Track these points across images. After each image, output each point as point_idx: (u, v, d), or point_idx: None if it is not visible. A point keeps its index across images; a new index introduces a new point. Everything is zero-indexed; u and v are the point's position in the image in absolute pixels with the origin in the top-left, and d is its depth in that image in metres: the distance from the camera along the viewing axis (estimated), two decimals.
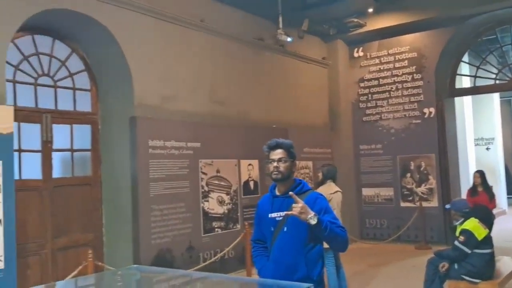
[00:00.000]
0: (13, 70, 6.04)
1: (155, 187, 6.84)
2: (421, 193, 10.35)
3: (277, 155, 3.02)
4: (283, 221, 2.98)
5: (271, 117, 9.35)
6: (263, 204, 3.17)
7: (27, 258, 5.86)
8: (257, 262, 3.13)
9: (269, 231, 3.05)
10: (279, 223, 2.99)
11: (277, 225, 3.00)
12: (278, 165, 3.00)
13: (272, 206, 3.05)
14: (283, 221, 2.98)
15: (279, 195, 3.08)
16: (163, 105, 7.21)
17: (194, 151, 7.52)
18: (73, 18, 6.29)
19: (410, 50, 10.63)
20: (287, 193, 2.99)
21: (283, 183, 3.05)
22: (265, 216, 3.08)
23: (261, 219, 3.14)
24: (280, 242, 2.98)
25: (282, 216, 2.98)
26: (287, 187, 3.04)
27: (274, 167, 3.00)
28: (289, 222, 2.96)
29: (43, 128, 6.22)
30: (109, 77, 6.93)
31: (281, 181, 3.03)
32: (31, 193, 6.03)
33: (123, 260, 6.49)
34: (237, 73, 8.68)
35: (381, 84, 10.97)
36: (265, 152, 3.14)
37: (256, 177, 8.71)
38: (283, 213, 2.97)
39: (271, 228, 3.03)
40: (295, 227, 2.94)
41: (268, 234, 3.07)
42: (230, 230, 8.03)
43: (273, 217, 3.02)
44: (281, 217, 2.99)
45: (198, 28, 7.87)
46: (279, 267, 2.95)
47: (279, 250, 2.98)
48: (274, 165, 3.00)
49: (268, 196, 3.18)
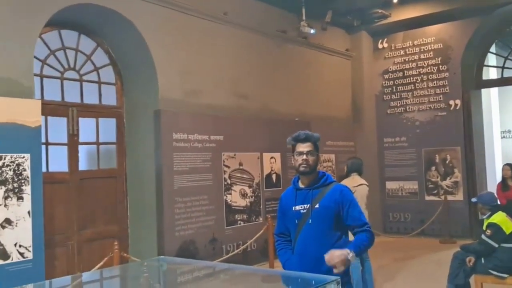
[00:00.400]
0: (40, 65, 6.15)
1: (179, 180, 6.90)
2: (446, 187, 10.20)
3: (306, 147, 3.02)
4: (308, 213, 2.98)
5: (294, 110, 9.32)
6: (287, 197, 3.16)
7: (54, 249, 5.99)
8: (281, 255, 3.12)
9: (293, 224, 3.05)
10: (303, 215, 2.99)
11: (301, 218, 2.99)
12: (307, 158, 2.99)
13: (296, 198, 3.05)
14: (308, 213, 2.98)
15: (302, 187, 3.08)
16: (187, 99, 7.25)
17: (217, 144, 7.56)
18: (99, 13, 6.36)
19: (436, 41, 10.44)
20: (311, 185, 3.03)
21: (309, 176, 3.05)
22: (289, 209, 3.07)
23: (285, 212, 3.13)
24: (306, 235, 2.98)
25: (307, 209, 2.98)
26: (312, 179, 3.05)
27: (303, 160, 2.99)
28: (314, 215, 2.97)
29: (69, 122, 6.33)
30: (133, 71, 6.99)
31: (309, 174, 3.03)
32: (58, 185, 6.14)
33: (148, 252, 6.59)
34: (260, 66, 8.66)
35: (405, 76, 10.82)
36: (290, 144, 3.12)
37: (278, 170, 8.71)
38: (307, 205, 2.97)
39: (295, 220, 3.03)
40: (321, 219, 2.95)
41: (292, 227, 3.07)
42: (253, 222, 8.05)
43: (297, 210, 3.02)
44: (305, 209, 2.99)
45: (221, 22, 7.88)
46: (305, 259, 2.95)
47: (305, 242, 2.98)
48: (304, 157, 2.99)
49: (291, 189, 3.17)
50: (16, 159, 5.12)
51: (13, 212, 5.07)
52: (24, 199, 5.15)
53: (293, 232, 3.07)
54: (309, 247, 2.96)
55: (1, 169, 5.00)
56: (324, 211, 2.93)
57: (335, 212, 2.99)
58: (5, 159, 5.03)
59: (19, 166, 5.14)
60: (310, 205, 3.00)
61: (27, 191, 5.18)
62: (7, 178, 5.04)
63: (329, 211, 2.98)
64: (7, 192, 5.03)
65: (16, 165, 5.12)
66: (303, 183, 3.10)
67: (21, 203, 5.13)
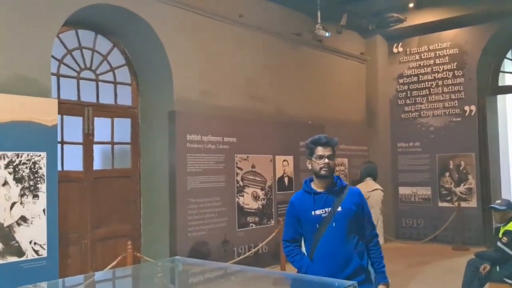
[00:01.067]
0: (57, 64, 6.20)
1: (192, 181, 6.92)
2: (459, 193, 10.10)
3: (327, 151, 3.05)
4: (330, 217, 2.99)
5: (308, 113, 9.30)
6: (301, 202, 3.12)
7: (68, 248, 6.02)
8: (297, 261, 3.08)
9: (312, 229, 3.03)
10: (324, 219, 2.99)
11: (322, 222, 2.99)
12: (329, 162, 3.03)
13: (314, 203, 3.03)
14: (330, 217, 2.99)
15: (320, 191, 3.07)
16: (201, 100, 7.27)
17: (230, 146, 7.56)
18: (115, 13, 6.40)
19: (451, 46, 10.37)
20: (330, 189, 3.04)
21: (327, 179, 3.06)
22: (307, 214, 3.05)
23: (300, 217, 3.10)
24: (330, 238, 2.98)
25: (328, 212, 2.99)
26: (329, 183, 3.07)
27: (325, 164, 3.01)
28: (338, 217, 2.99)
29: (85, 121, 6.37)
30: (149, 72, 7.03)
31: (328, 177, 3.05)
32: (73, 184, 6.19)
33: (160, 252, 6.61)
34: (275, 68, 8.66)
35: (420, 81, 10.76)
36: (309, 148, 3.12)
37: (291, 173, 8.69)
38: (328, 209, 2.99)
39: (315, 225, 3.01)
40: (344, 222, 2.99)
41: (311, 231, 3.05)
42: (264, 225, 8.04)
43: (317, 214, 3.01)
44: (326, 213, 2.99)
45: (236, 23, 7.89)
46: (331, 263, 2.95)
47: (330, 245, 2.98)
48: (325, 161, 3.01)
49: (303, 193, 3.15)
50: (33, 157, 5.17)
51: (29, 210, 5.12)
52: (39, 197, 5.20)
53: (311, 237, 3.05)
54: (334, 250, 2.98)
55: (17, 167, 5.05)
56: (347, 214, 2.98)
57: (356, 215, 3.05)
58: (21, 157, 5.08)
59: (35, 164, 5.19)
60: (332, 208, 3.00)
61: (43, 189, 5.23)
62: (23, 176, 5.09)
63: (351, 214, 3.03)
64: (23, 190, 5.09)
65: (32, 163, 5.17)
66: (320, 187, 3.09)
67: (37, 201, 5.18)
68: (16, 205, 5.04)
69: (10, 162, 5.00)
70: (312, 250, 3.04)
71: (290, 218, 3.17)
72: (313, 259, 3.02)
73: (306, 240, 3.13)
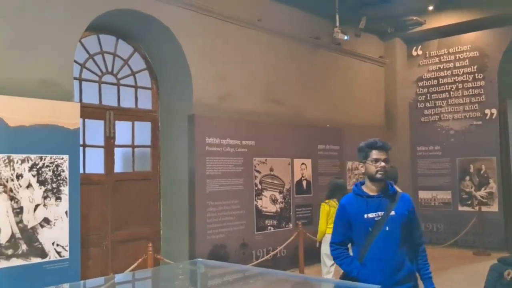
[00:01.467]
0: (80, 68, 6.31)
1: (211, 184, 6.96)
2: (480, 197, 9.97)
3: (382, 155, 3.09)
4: (383, 220, 3.01)
5: (326, 116, 9.29)
6: (353, 205, 3.13)
7: (89, 249, 6.11)
8: (346, 263, 3.10)
9: (365, 232, 3.04)
10: (377, 223, 3.01)
11: (375, 225, 3.01)
12: (385, 165, 3.06)
13: (367, 206, 3.05)
14: (383, 220, 3.01)
15: (373, 195, 3.09)
16: (220, 104, 7.31)
17: (249, 149, 7.59)
18: (136, 18, 6.49)
19: (472, 49, 10.26)
20: (383, 193, 3.08)
21: (381, 183, 3.10)
22: (359, 217, 3.06)
23: (352, 220, 3.10)
24: (382, 242, 3.00)
25: (381, 216, 3.02)
26: (383, 187, 3.11)
27: (382, 167, 3.05)
28: (390, 221, 3.02)
29: (106, 124, 6.46)
30: (169, 76, 7.10)
31: (383, 181, 3.09)
32: (94, 187, 6.27)
33: (179, 254, 6.66)
34: (293, 71, 8.67)
35: (440, 84, 10.66)
36: (363, 151, 3.14)
37: (309, 176, 8.67)
38: (381, 212, 3.02)
39: (368, 228, 3.03)
40: (397, 226, 3.02)
41: (362, 234, 3.06)
42: (283, 229, 8.04)
43: (370, 217, 3.03)
44: (379, 216, 3.02)
45: (255, 27, 7.93)
46: (383, 266, 2.97)
47: (382, 249, 3.00)
48: (382, 165, 3.05)
49: (354, 197, 3.16)
50: (56, 160, 5.26)
51: (52, 212, 5.20)
52: (62, 199, 5.28)
53: (362, 240, 3.06)
54: (388, 254, 2.99)
55: (41, 170, 5.14)
56: (400, 219, 3.02)
57: (408, 220, 3.09)
58: (45, 160, 5.18)
59: (58, 167, 5.28)
60: (385, 212, 3.03)
61: (65, 191, 5.31)
62: (46, 179, 5.18)
63: (404, 219, 3.07)
64: (46, 192, 5.17)
65: (55, 166, 5.26)
66: (373, 190, 3.11)
67: (59, 203, 5.27)
68: (40, 207, 5.13)
69: (33, 164, 5.09)
70: (362, 254, 3.04)
71: (340, 221, 3.19)
72: (364, 262, 3.02)
73: (356, 243, 3.13)
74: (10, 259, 4.86)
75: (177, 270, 3.04)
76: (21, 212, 4.98)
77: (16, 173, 4.97)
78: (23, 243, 4.97)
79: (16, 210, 4.95)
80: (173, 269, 3.44)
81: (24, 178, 5.03)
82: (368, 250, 3.02)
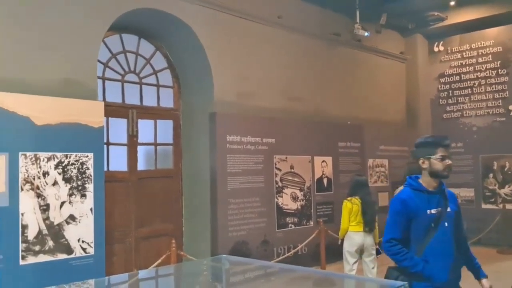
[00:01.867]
0: (103, 68, 6.39)
1: (232, 181, 7.00)
2: (504, 195, 9.82)
3: (448, 152, 3.12)
4: (442, 216, 3.04)
5: (346, 113, 9.25)
6: (415, 201, 3.09)
7: (113, 246, 6.20)
8: (408, 259, 3.04)
9: (425, 228, 3.04)
10: (438, 218, 3.04)
11: (436, 221, 3.04)
12: (451, 163, 3.11)
13: (429, 202, 3.06)
14: (442, 216, 3.04)
15: (432, 191, 3.10)
16: (241, 101, 7.34)
17: (269, 146, 7.61)
18: (158, 17, 6.55)
19: (495, 44, 10.10)
20: (438, 189, 3.11)
21: (441, 180, 3.13)
22: (422, 213, 3.05)
23: (413, 215, 3.07)
24: (442, 237, 3.03)
25: (439, 212, 3.05)
26: (439, 183, 3.13)
27: (449, 164, 3.08)
28: (448, 217, 3.06)
29: (129, 123, 6.55)
30: (190, 74, 7.16)
31: (447, 178, 3.12)
32: (118, 184, 6.36)
33: (202, 251, 6.72)
34: (313, 68, 8.66)
35: (462, 80, 10.53)
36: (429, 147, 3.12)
37: (330, 174, 8.65)
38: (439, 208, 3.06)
39: (430, 224, 3.03)
40: (453, 222, 3.08)
41: (423, 230, 3.05)
42: (303, 226, 8.04)
43: (432, 213, 3.04)
44: (438, 212, 3.05)
45: (275, 25, 7.93)
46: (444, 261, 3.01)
47: (443, 244, 3.02)
48: (449, 162, 3.08)
49: (412, 192, 3.12)
50: (81, 158, 5.36)
51: (77, 209, 5.30)
52: (87, 197, 5.38)
53: (422, 236, 3.05)
54: (448, 249, 3.03)
55: (66, 167, 5.24)
56: (454, 214, 3.09)
57: (459, 215, 3.17)
58: (70, 158, 5.27)
59: (83, 165, 5.38)
60: (443, 208, 3.06)
61: (90, 189, 5.41)
62: (71, 176, 5.28)
63: (457, 214, 3.14)
64: (71, 190, 5.27)
65: (80, 163, 5.35)
66: (432, 186, 3.11)
67: (84, 200, 5.36)
68: (65, 204, 5.23)
69: (59, 162, 5.20)
70: (421, 249, 3.04)
71: (400, 217, 3.11)
72: (424, 258, 3.02)
73: (414, 239, 3.10)
74: (37, 255, 4.97)
75: (202, 266, 3.08)
76: (48, 209, 5.09)
77: (43, 171, 5.08)
78: (50, 240, 5.08)
79: (42, 207, 5.05)
80: (197, 265, 3.47)
81: (50, 175, 5.13)
82: (427, 245, 3.03)
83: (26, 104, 4.98)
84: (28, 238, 4.92)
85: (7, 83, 4.99)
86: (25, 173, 4.95)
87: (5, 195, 4.82)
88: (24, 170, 4.95)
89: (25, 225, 4.91)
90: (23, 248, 4.87)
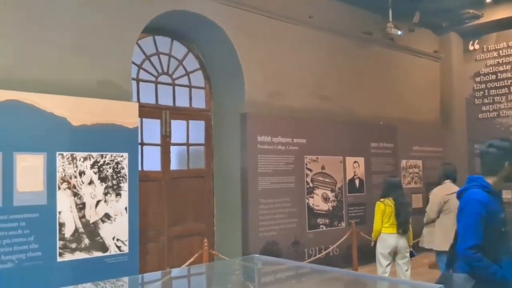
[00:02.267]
0: (137, 69, 6.51)
1: (263, 181, 7.01)
2: None
3: None
4: (506, 220, 2.97)
5: (379, 113, 9.13)
6: (491, 203, 2.94)
7: (146, 244, 6.30)
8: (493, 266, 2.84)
9: (497, 232, 2.91)
10: (506, 221, 2.96)
11: (505, 224, 2.95)
12: None
13: (500, 205, 3.00)
14: (506, 220, 2.97)
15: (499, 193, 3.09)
16: (271, 102, 7.35)
17: (300, 147, 7.59)
18: (190, 19, 6.62)
19: None
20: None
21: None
22: (497, 216, 2.93)
23: (490, 219, 2.89)
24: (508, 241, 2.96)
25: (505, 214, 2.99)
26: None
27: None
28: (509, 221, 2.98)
29: (162, 123, 6.65)
30: (221, 75, 7.21)
31: None
32: (151, 183, 6.47)
33: (233, 250, 6.75)
34: (344, 68, 8.59)
35: (499, 79, 10.26)
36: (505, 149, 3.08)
37: (362, 175, 8.56)
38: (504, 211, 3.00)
39: (501, 228, 2.92)
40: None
41: (496, 234, 2.91)
42: (335, 227, 7.98)
43: (502, 217, 2.95)
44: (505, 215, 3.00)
45: (306, 25, 7.91)
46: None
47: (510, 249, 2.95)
48: None
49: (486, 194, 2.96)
50: (116, 158, 5.47)
51: (112, 208, 5.41)
52: (121, 196, 5.49)
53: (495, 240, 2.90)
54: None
55: (102, 167, 5.36)
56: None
57: None
58: (105, 158, 5.39)
59: (118, 165, 5.49)
60: (505, 211, 3.00)
61: (125, 188, 5.52)
62: (107, 176, 5.39)
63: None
64: (107, 189, 5.39)
65: (116, 163, 5.47)
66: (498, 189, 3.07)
67: (119, 199, 5.47)
68: (101, 203, 5.34)
69: (95, 162, 5.32)
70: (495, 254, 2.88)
71: (480, 221, 2.87)
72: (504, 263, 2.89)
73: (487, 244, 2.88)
74: (74, 252, 5.10)
75: (234, 265, 3.10)
76: (84, 208, 5.21)
77: (79, 170, 5.21)
78: (86, 238, 5.20)
79: (79, 205, 5.18)
80: (230, 265, 3.51)
81: (86, 175, 5.26)
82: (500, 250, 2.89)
83: (63, 105, 5.12)
84: (65, 236, 5.05)
85: (45, 85, 5.14)
86: (62, 173, 5.08)
87: (43, 193, 4.96)
88: (61, 169, 5.08)
89: (62, 223, 5.04)
90: (60, 246, 5.00)
